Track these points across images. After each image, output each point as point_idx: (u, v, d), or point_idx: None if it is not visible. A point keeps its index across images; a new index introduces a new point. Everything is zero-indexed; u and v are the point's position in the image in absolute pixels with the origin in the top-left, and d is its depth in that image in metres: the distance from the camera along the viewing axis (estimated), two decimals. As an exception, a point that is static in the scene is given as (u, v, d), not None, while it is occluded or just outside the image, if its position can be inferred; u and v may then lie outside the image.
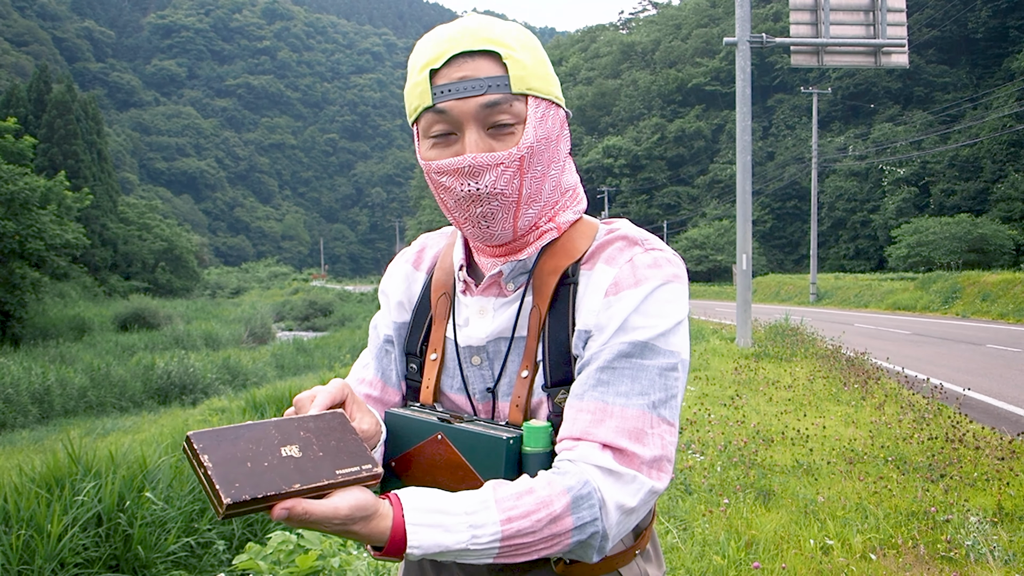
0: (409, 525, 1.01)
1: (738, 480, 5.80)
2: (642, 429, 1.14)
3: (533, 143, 1.18)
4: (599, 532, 1.09)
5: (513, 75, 1.17)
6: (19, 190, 25.13)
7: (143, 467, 5.58)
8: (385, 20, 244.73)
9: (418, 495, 1.05)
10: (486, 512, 1.04)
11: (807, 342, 15.29)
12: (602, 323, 1.19)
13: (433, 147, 1.20)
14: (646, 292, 1.18)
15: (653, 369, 1.16)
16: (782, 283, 46.36)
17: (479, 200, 1.18)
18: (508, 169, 1.17)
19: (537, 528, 1.05)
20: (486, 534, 1.03)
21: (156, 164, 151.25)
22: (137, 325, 32.36)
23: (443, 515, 1.03)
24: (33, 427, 15.02)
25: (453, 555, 1.03)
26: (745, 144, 15.78)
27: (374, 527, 1.00)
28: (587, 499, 1.08)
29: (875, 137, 53.65)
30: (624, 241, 1.25)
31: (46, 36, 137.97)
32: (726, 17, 73.66)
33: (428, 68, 1.18)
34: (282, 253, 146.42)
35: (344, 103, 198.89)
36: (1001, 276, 27.70)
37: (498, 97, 1.16)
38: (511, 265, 1.26)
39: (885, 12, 15.06)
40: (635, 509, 1.13)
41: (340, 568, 3.44)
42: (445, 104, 1.16)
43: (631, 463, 1.12)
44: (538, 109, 1.20)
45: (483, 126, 1.17)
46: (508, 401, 1.26)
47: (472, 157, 1.16)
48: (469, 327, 1.30)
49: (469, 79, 1.16)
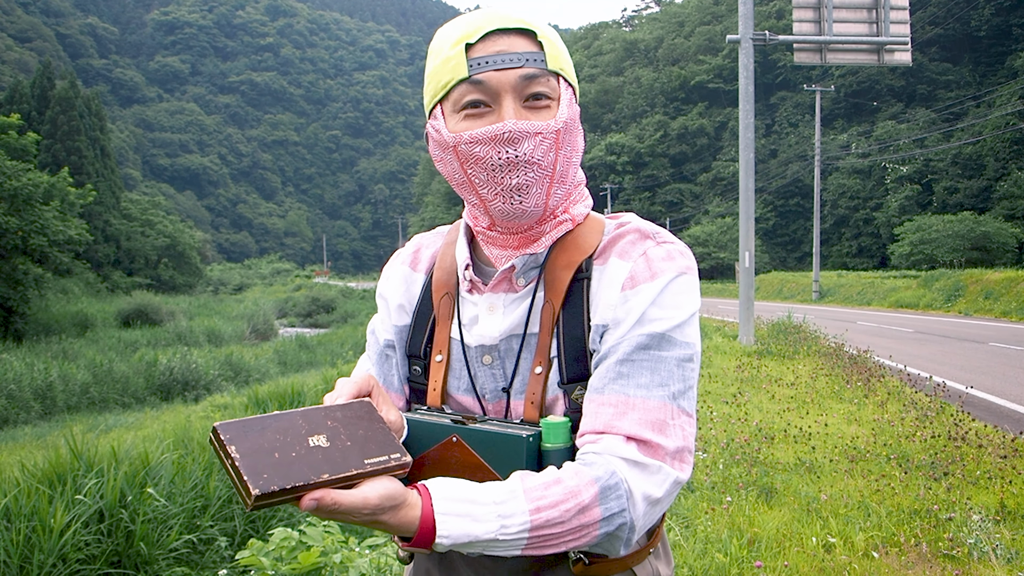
0: (438, 515, 1.01)
1: (740, 478, 5.80)
2: (664, 420, 1.14)
3: (568, 119, 1.20)
4: (627, 523, 1.09)
5: (549, 53, 1.19)
6: (22, 186, 25.15)
7: (145, 463, 5.59)
8: (388, 17, 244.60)
9: (447, 485, 1.05)
10: (514, 502, 1.04)
11: (810, 340, 15.28)
12: (619, 317, 1.19)
13: (464, 119, 1.19)
14: (662, 285, 1.19)
15: (671, 360, 1.17)
16: (785, 281, 46.32)
17: (516, 168, 1.17)
18: (546, 140, 1.18)
19: (566, 518, 1.05)
20: (515, 524, 1.03)
21: (159, 160, 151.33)
22: (140, 321, 32.37)
23: (472, 504, 1.03)
24: (36, 423, 15.04)
25: (482, 546, 1.03)
26: (748, 141, 15.76)
27: (403, 517, 1.00)
28: (615, 490, 1.08)
29: (878, 135, 53.59)
30: (636, 234, 1.25)
31: (50, 32, 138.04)
32: (729, 14, 73.58)
33: (463, 42, 1.18)
34: (285, 250, 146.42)
35: (347, 100, 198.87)
36: (1004, 274, 27.65)
37: (536, 70, 1.17)
38: (523, 259, 1.25)
39: (888, 10, 15.03)
40: (661, 500, 1.13)
41: (342, 564, 3.43)
42: (483, 75, 1.17)
43: (656, 454, 1.13)
44: (567, 92, 1.21)
45: (520, 98, 1.18)
46: (522, 399, 1.25)
47: (513, 123, 1.15)
48: (479, 325, 1.29)
49: (506, 52, 1.17)
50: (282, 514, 5.36)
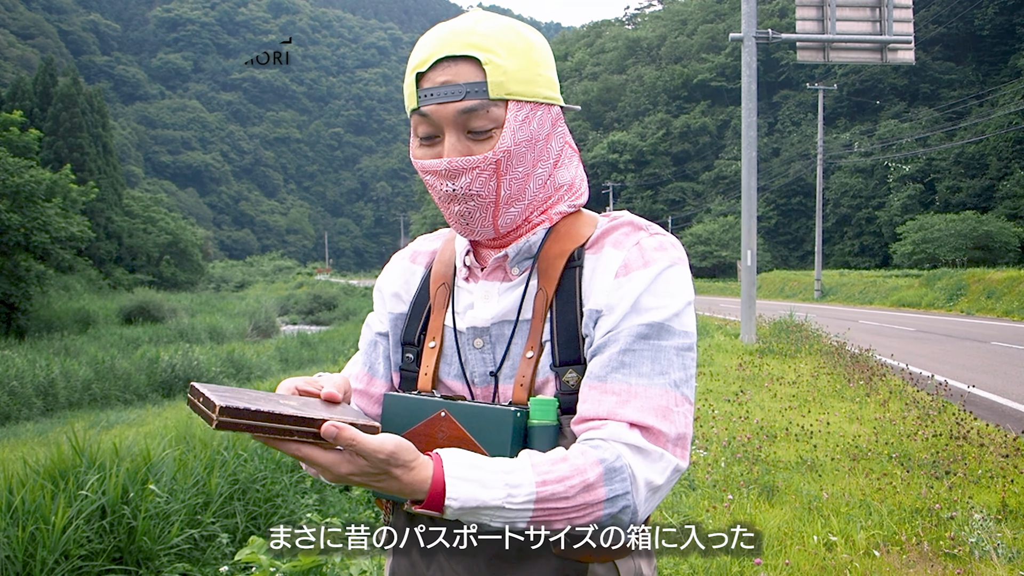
0: (448, 477, 1.04)
1: (742, 476, 5.80)
2: (667, 407, 1.17)
3: (511, 147, 1.22)
4: (631, 507, 1.12)
5: (492, 81, 1.20)
6: (25, 183, 25.14)
7: (147, 460, 5.59)
8: (391, 14, 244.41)
9: (455, 453, 1.09)
10: (522, 473, 1.08)
11: (811, 338, 15.28)
12: (612, 303, 1.22)
13: (420, 146, 1.27)
14: (655, 273, 1.22)
15: (671, 349, 1.20)
16: (787, 279, 46.28)
17: (456, 200, 1.24)
18: (483, 172, 1.22)
19: (571, 494, 1.08)
20: (521, 494, 1.06)
21: (161, 157, 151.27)
22: (141, 318, 32.35)
23: (481, 471, 1.06)
24: (37, 419, 15.06)
25: (489, 514, 1.06)
26: (750, 140, 15.75)
27: (415, 475, 1.04)
28: (619, 472, 1.11)
29: (881, 134, 53.51)
30: (630, 227, 1.29)
31: (52, 29, 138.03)
32: (732, 13, 73.40)
33: (415, 71, 1.23)
34: (287, 247, 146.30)
35: (349, 97, 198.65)
36: (1006, 273, 27.63)
37: (474, 103, 1.20)
38: (516, 248, 1.29)
39: (891, 8, 15.01)
40: (661, 487, 1.16)
41: (342, 562, 3.44)
42: (428, 108, 1.22)
43: (658, 441, 1.16)
44: (520, 112, 1.23)
45: (462, 130, 1.22)
46: (511, 384, 1.28)
47: (448, 161, 1.21)
48: (473, 310, 1.32)
49: (450, 84, 1.20)
50: (283, 511, 5.38)
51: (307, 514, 5.06)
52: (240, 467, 5.60)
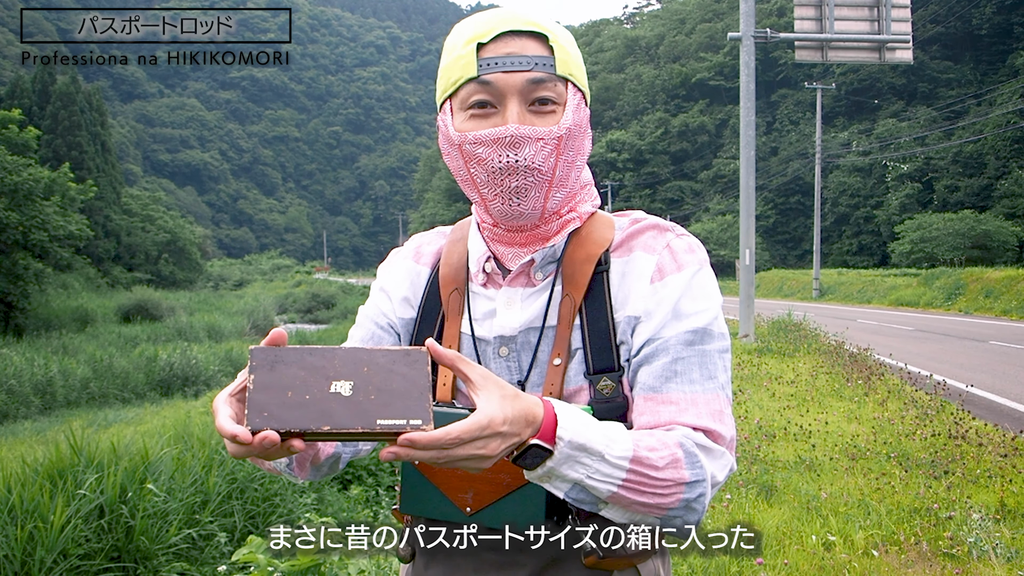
0: (559, 411, 1.03)
1: (740, 476, 5.80)
2: (721, 410, 1.19)
3: (571, 125, 1.21)
4: (705, 496, 1.13)
5: (558, 58, 1.20)
6: (23, 181, 25.12)
7: (145, 459, 5.58)
8: (390, 13, 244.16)
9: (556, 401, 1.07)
10: (618, 430, 1.08)
11: (810, 338, 15.28)
12: (651, 309, 1.22)
13: (470, 119, 1.21)
14: (689, 276, 1.23)
15: (715, 353, 1.22)
16: (785, 278, 46.29)
17: (516, 173, 1.19)
18: (547, 145, 1.19)
19: (660, 464, 1.08)
20: (619, 448, 1.05)
21: (160, 156, 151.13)
22: (140, 317, 32.31)
23: (584, 416, 1.06)
24: (36, 418, 15.03)
25: (586, 466, 1.03)
26: (749, 139, 15.75)
27: (524, 404, 1.00)
28: (696, 458, 1.12)
29: (879, 133, 53.50)
30: (656, 230, 1.29)
31: (51, 28, 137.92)
32: (730, 12, 73.41)
33: (475, 42, 1.20)
34: (285, 245, 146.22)
35: (348, 96, 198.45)
36: (1004, 272, 27.65)
37: (543, 75, 1.19)
38: (542, 253, 1.27)
39: (890, 8, 15.02)
40: (719, 485, 1.17)
41: (341, 562, 3.44)
42: (491, 76, 1.19)
43: (719, 441, 1.17)
44: (575, 97, 1.23)
45: (525, 102, 1.19)
46: (539, 392, 1.25)
47: (516, 127, 1.17)
48: (497, 318, 1.29)
49: (516, 55, 1.18)
50: (281, 511, 5.38)
51: (305, 513, 5.06)
52: (238, 466, 5.59)
